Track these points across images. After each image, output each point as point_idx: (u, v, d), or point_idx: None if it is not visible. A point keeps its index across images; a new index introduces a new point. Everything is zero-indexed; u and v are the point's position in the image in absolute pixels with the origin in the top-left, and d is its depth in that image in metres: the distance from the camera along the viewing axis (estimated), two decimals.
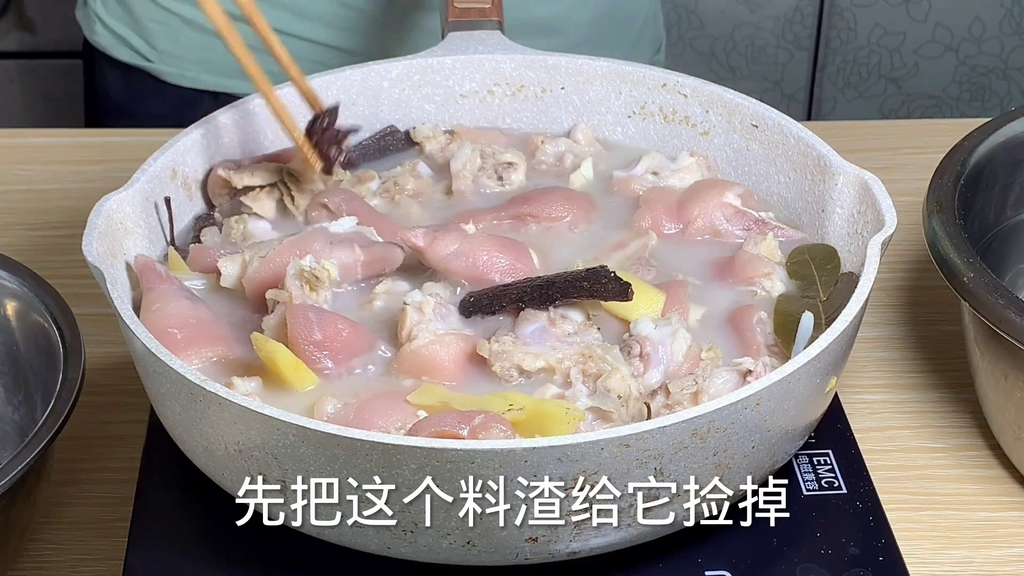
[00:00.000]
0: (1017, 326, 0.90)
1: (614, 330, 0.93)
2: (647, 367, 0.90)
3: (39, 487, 0.90)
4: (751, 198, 1.05)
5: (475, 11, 1.16)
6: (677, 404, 0.87)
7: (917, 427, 1.05)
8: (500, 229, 1.02)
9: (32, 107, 2.43)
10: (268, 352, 0.88)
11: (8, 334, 0.96)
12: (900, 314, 1.15)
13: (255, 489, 0.84)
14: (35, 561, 0.94)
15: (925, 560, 0.94)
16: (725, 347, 0.92)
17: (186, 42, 1.39)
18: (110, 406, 1.04)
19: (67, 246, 1.18)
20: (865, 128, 1.44)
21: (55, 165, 1.31)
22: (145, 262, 0.95)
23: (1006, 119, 1.07)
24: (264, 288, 0.93)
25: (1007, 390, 0.95)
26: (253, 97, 1.09)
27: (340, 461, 0.79)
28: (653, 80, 1.11)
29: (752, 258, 0.99)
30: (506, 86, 1.14)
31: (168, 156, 1.02)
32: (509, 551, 0.83)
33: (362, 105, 1.12)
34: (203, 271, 0.98)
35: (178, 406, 0.86)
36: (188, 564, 0.90)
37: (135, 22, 1.41)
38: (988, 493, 0.99)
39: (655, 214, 1.03)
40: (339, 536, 0.84)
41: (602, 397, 0.87)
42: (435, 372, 0.89)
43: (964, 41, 2.52)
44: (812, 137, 1.03)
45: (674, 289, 0.96)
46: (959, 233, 0.96)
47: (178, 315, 0.91)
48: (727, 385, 0.88)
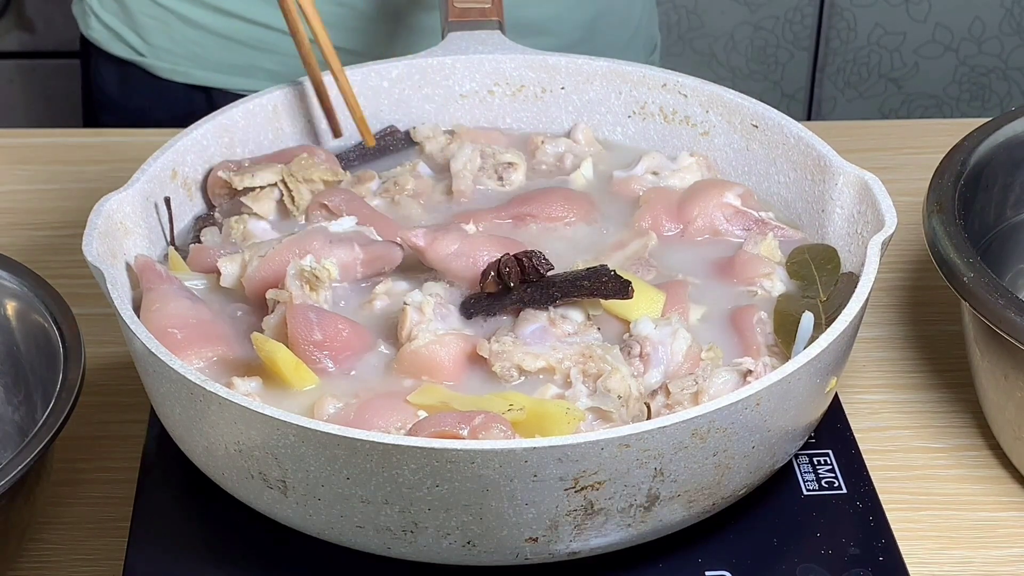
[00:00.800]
0: (1017, 326, 0.90)
1: (614, 330, 0.93)
2: (647, 367, 0.90)
3: (39, 487, 0.90)
4: (751, 198, 1.05)
5: (475, 11, 1.16)
6: (677, 404, 0.87)
7: (917, 427, 1.05)
8: (500, 229, 1.02)
9: (32, 107, 2.43)
10: (268, 352, 0.88)
11: (8, 334, 0.96)
12: (900, 314, 1.15)
13: (255, 489, 0.85)
14: (35, 561, 0.94)
15: (925, 560, 0.94)
16: (725, 347, 0.92)
17: (179, 37, 1.39)
18: (110, 406, 1.04)
19: (67, 246, 1.18)
20: (865, 128, 1.44)
21: (55, 165, 1.31)
22: (145, 262, 0.95)
23: (1006, 119, 1.07)
24: (264, 287, 0.93)
25: (1007, 390, 0.95)
26: (253, 97, 1.09)
27: (340, 461, 0.79)
28: (653, 80, 1.11)
29: (752, 258, 0.99)
30: (506, 86, 1.14)
31: (168, 156, 1.02)
32: (509, 551, 0.83)
33: (362, 105, 1.12)
34: (203, 271, 0.98)
35: (178, 406, 0.86)
36: (188, 564, 0.90)
37: (129, 17, 1.41)
38: (988, 493, 0.99)
39: (655, 214, 1.03)
40: (339, 536, 0.84)
41: (602, 397, 0.87)
42: (435, 372, 0.89)
43: (964, 41, 2.52)
44: (812, 137, 1.03)
45: (674, 289, 0.96)
46: (959, 233, 0.96)
47: (178, 315, 0.91)
48: (727, 385, 0.88)
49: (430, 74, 1.13)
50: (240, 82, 1.39)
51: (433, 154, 1.11)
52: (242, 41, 1.38)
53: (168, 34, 1.40)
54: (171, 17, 1.39)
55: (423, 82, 1.14)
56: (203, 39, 1.39)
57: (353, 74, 1.11)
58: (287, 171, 1.04)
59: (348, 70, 1.11)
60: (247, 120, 1.08)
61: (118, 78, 1.46)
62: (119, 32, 1.42)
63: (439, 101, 1.14)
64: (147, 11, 1.40)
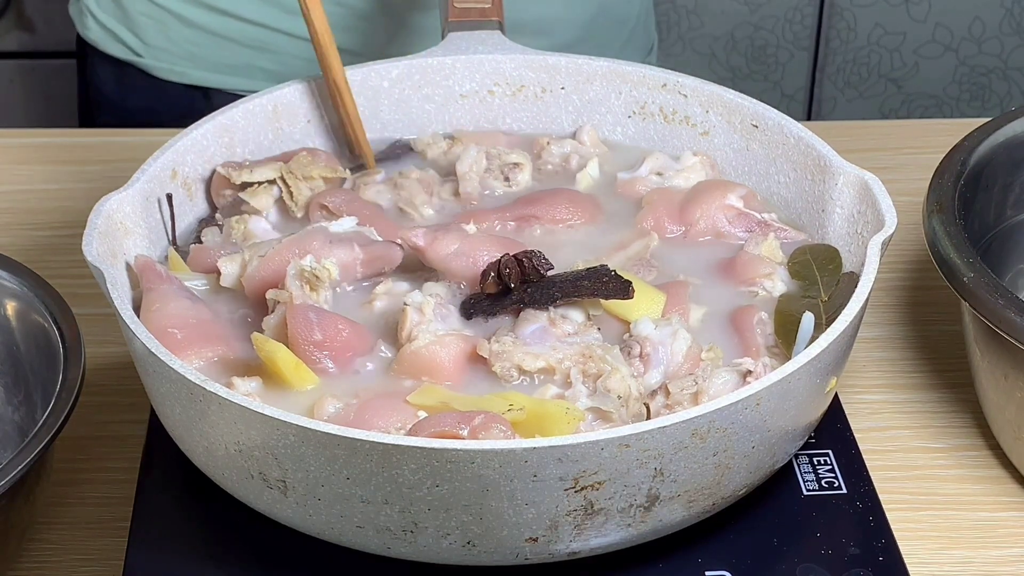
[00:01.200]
0: (1017, 326, 0.90)
1: (614, 330, 0.93)
2: (647, 367, 0.90)
3: (39, 487, 0.90)
4: (753, 199, 1.05)
5: (475, 11, 1.16)
6: (677, 404, 0.87)
7: (917, 427, 1.05)
8: (504, 231, 1.02)
9: (32, 107, 2.43)
10: (268, 352, 0.88)
11: (8, 334, 0.96)
12: (900, 314, 1.15)
13: (255, 489, 0.85)
14: (35, 561, 0.94)
15: (925, 560, 0.94)
16: (725, 347, 0.92)
17: (176, 37, 1.40)
18: (110, 406, 1.03)
19: (67, 246, 1.18)
20: (865, 128, 1.44)
21: (55, 165, 1.31)
22: (145, 262, 0.95)
23: (1006, 119, 1.07)
24: (264, 287, 0.93)
25: (1007, 390, 0.95)
26: (253, 97, 1.09)
27: (340, 461, 0.79)
28: (653, 80, 1.11)
29: (753, 259, 0.99)
30: (506, 86, 1.14)
31: (168, 156, 1.02)
32: (509, 551, 0.83)
33: (362, 105, 1.12)
34: (203, 271, 0.98)
35: (178, 406, 0.86)
36: (188, 564, 0.90)
37: (126, 17, 1.41)
38: (988, 493, 0.99)
39: (657, 215, 1.03)
40: (339, 536, 0.84)
41: (602, 397, 0.87)
42: (435, 372, 0.89)
43: (964, 41, 2.52)
44: (812, 137, 1.03)
45: (674, 289, 0.96)
46: (959, 233, 0.96)
47: (178, 315, 0.91)
48: (727, 385, 0.88)
49: (430, 74, 1.13)
50: (238, 82, 1.39)
51: (436, 159, 1.11)
52: (239, 41, 1.38)
53: (165, 34, 1.40)
54: (168, 16, 1.39)
55: (423, 82, 1.14)
56: (200, 39, 1.39)
57: (353, 74, 1.11)
58: (286, 168, 1.05)
59: (348, 70, 1.11)
60: (247, 120, 1.08)
61: (115, 78, 1.46)
62: (116, 32, 1.42)
63: (439, 101, 1.14)
64: (144, 10, 1.40)
